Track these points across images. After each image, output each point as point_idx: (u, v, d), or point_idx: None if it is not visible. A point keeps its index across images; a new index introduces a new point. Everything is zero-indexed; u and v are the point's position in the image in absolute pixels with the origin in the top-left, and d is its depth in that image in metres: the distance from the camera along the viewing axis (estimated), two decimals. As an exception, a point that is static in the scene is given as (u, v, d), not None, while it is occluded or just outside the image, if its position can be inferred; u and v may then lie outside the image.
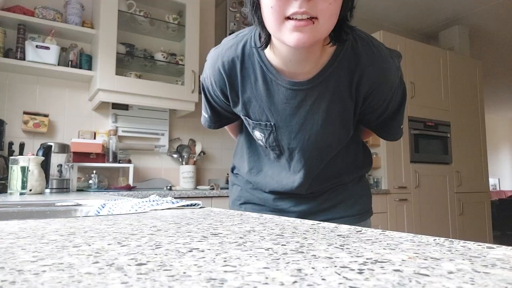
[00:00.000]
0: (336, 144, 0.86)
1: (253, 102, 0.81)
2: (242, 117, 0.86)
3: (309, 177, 0.88)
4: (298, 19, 0.61)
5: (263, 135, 0.85)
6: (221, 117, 0.94)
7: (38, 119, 2.32)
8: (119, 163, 2.45)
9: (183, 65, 2.62)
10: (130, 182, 2.41)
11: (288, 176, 0.89)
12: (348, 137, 0.87)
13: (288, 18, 0.62)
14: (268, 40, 0.72)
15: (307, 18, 0.61)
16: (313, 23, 0.61)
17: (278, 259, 0.25)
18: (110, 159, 2.39)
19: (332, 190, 0.93)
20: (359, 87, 0.77)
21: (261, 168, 0.94)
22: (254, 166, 0.95)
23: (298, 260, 0.25)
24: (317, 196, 0.92)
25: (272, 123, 0.82)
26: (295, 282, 0.19)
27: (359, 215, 0.95)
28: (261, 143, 0.88)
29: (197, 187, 2.71)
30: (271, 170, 0.92)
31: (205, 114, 0.96)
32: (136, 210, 0.64)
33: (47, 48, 2.25)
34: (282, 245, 0.30)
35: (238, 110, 0.85)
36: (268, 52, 0.75)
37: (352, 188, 0.95)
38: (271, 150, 0.88)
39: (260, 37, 0.74)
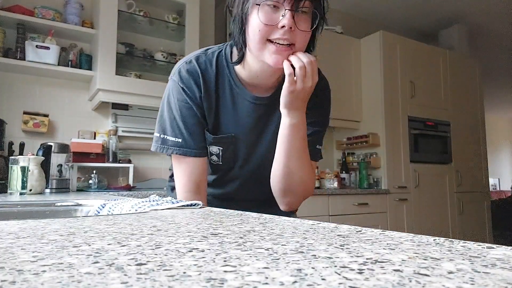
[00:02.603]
0: None
1: (221, 112, 0.88)
2: (206, 132, 0.89)
3: (257, 186, 0.96)
4: (280, 43, 0.75)
5: (221, 148, 0.90)
6: (198, 140, 0.87)
7: (38, 119, 2.32)
8: (119, 163, 2.44)
9: (183, 65, 2.62)
10: (130, 182, 2.41)
11: (236, 186, 0.96)
12: None
13: (270, 41, 0.76)
14: (242, 57, 0.83)
15: (287, 44, 0.75)
16: (291, 49, 0.77)
17: (278, 259, 0.25)
18: (110, 159, 2.39)
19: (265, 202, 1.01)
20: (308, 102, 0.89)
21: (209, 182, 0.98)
22: None
23: (298, 260, 0.25)
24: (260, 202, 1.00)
25: (234, 134, 0.89)
26: (295, 282, 0.19)
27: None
28: (214, 159, 0.91)
29: (197, 187, 2.71)
30: (218, 183, 0.97)
31: (172, 138, 0.86)
32: (136, 210, 0.64)
33: (47, 48, 2.25)
34: (282, 245, 0.30)
35: (209, 121, 0.88)
36: (237, 68, 0.86)
37: None
38: (223, 165, 0.92)
39: (231, 54, 0.86)
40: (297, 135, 0.83)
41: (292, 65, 0.77)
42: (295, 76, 0.77)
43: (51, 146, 2.00)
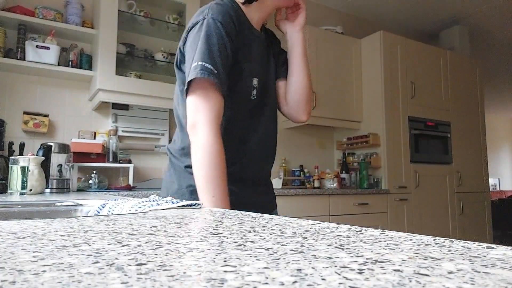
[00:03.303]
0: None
1: (250, 46, 0.99)
2: (247, 64, 0.97)
3: (264, 156, 1.05)
4: None
5: (257, 79, 0.99)
6: (226, 77, 0.90)
7: (38, 119, 2.32)
8: (119, 163, 2.45)
9: (183, 65, 2.62)
10: (130, 182, 2.41)
11: (257, 140, 1.01)
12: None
13: None
14: None
15: None
16: None
17: (278, 259, 0.25)
18: (110, 159, 2.39)
19: (270, 184, 1.13)
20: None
21: (245, 141, 1.00)
22: (238, 145, 0.98)
23: (298, 260, 0.25)
24: (269, 188, 1.11)
25: (258, 67, 1.01)
26: (295, 282, 0.19)
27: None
28: (254, 93, 0.98)
29: (197, 187, 2.71)
30: (252, 136, 1.01)
31: (211, 67, 0.86)
32: (136, 210, 0.64)
33: (47, 48, 2.25)
34: (282, 245, 0.30)
35: (243, 56, 0.96)
36: (246, 10, 1.00)
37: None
38: (254, 100, 0.99)
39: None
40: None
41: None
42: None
43: (51, 146, 2.00)
